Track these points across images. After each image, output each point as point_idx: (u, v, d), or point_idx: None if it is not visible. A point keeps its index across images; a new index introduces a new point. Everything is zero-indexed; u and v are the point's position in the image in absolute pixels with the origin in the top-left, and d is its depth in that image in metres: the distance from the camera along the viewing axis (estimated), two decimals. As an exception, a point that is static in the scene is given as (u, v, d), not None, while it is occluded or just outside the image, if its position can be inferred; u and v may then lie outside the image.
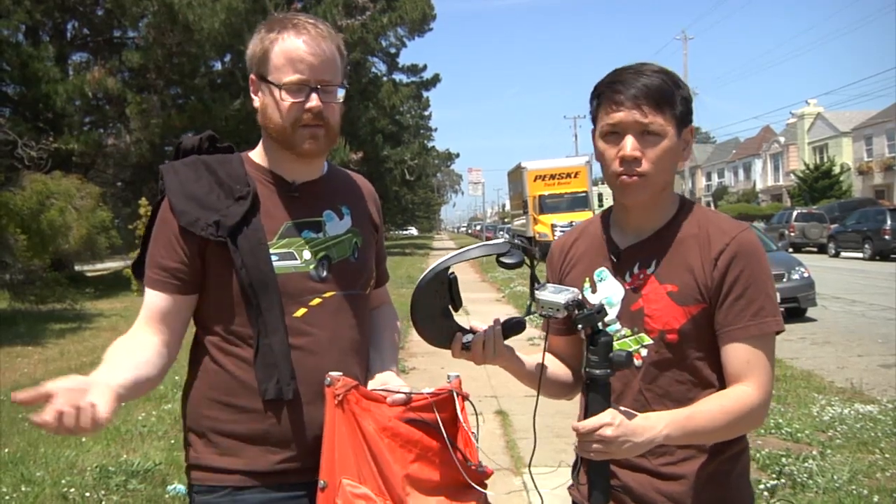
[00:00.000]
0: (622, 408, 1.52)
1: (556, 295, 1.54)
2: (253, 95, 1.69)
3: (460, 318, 1.69)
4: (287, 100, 1.62)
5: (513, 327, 1.66)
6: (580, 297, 1.56)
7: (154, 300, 1.65)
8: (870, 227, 24.95)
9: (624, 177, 1.60)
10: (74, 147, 18.94)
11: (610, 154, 1.62)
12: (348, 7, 25.85)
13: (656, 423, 1.50)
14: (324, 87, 1.64)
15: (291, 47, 1.61)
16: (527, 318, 1.65)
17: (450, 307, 1.63)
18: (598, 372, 1.51)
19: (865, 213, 26.59)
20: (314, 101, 1.62)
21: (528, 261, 1.62)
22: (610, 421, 1.46)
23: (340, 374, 1.60)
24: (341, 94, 1.68)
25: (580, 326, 1.52)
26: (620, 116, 1.58)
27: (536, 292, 1.56)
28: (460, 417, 1.65)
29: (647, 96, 1.57)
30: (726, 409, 1.56)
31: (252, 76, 1.67)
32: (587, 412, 1.52)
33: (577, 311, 1.52)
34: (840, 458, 4.96)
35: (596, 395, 1.52)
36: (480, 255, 1.62)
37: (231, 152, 1.75)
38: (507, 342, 1.67)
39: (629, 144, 1.58)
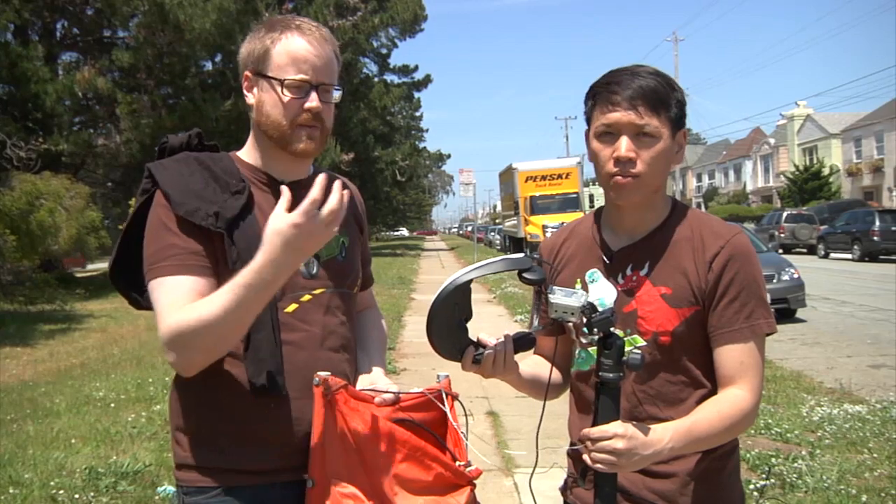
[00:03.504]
0: (634, 422, 1.51)
1: (568, 298, 1.53)
2: (247, 92, 1.67)
3: None
4: (288, 97, 1.62)
5: (523, 343, 1.65)
6: (589, 299, 1.56)
7: (194, 286, 1.53)
8: (859, 228, 25.10)
9: (618, 177, 1.60)
10: (64, 147, 18.85)
11: (605, 154, 1.62)
12: (339, 7, 25.85)
13: (662, 436, 1.50)
14: (323, 88, 1.65)
15: (295, 47, 1.62)
16: (535, 332, 1.65)
17: (464, 320, 1.62)
18: (611, 376, 1.50)
19: (854, 214, 26.75)
20: (314, 101, 1.64)
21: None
22: (623, 433, 1.46)
23: (329, 373, 1.59)
24: (337, 95, 1.69)
25: (595, 330, 1.51)
26: (616, 117, 1.58)
27: (549, 296, 1.55)
28: (449, 416, 1.66)
29: (643, 97, 1.57)
30: (723, 415, 1.57)
31: (247, 73, 1.66)
32: (596, 417, 1.52)
33: (592, 315, 1.51)
34: (829, 458, 4.99)
35: (607, 399, 1.51)
36: (503, 269, 1.60)
37: (216, 151, 1.75)
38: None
39: (624, 145, 1.58)
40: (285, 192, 1.46)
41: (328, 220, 1.43)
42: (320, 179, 1.46)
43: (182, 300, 1.51)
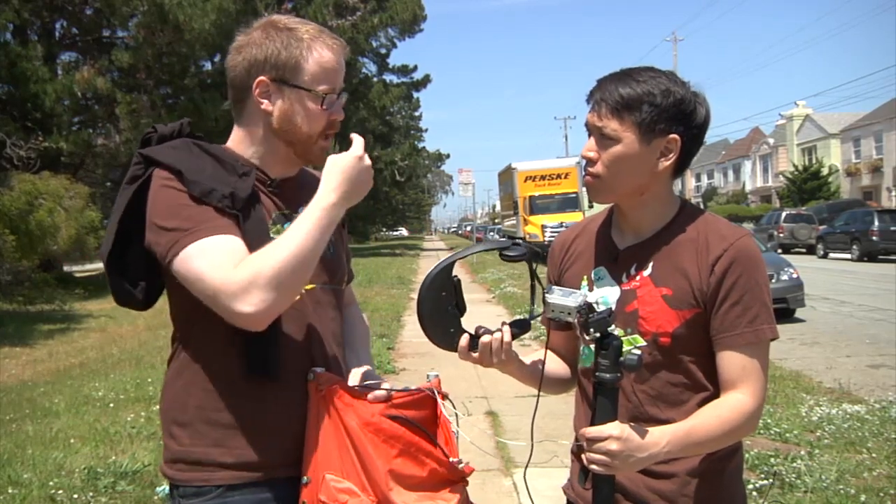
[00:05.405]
0: (631, 423, 1.51)
1: (566, 298, 1.54)
2: (261, 98, 1.64)
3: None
4: (323, 109, 1.64)
5: (517, 326, 1.66)
6: (587, 299, 1.56)
7: (241, 245, 1.51)
8: (858, 228, 25.12)
9: (586, 176, 1.67)
10: (63, 147, 18.87)
11: None
12: (339, 7, 25.89)
13: (659, 440, 1.50)
14: (342, 96, 1.69)
15: (327, 59, 1.63)
16: (531, 318, 1.66)
17: (456, 308, 1.63)
18: (608, 376, 1.50)
19: (853, 214, 26.77)
20: (341, 111, 1.68)
21: (529, 265, 1.63)
22: (618, 435, 1.46)
23: (323, 369, 1.60)
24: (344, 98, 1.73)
25: (592, 330, 1.51)
26: (587, 117, 1.65)
27: (546, 295, 1.56)
28: (442, 407, 1.67)
29: (605, 100, 1.60)
30: (724, 420, 1.56)
31: (264, 79, 1.62)
32: (594, 417, 1.52)
33: (589, 315, 1.51)
34: (828, 457, 4.99)
35: (604, 399, 1.51)
36: (484, 249, 1.69)
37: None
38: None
39: (586, 144, 1.65)
40: (357, 139, 1.63)
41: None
42: (357, 138, 1.63)
43: (239, 254, 1.47)
